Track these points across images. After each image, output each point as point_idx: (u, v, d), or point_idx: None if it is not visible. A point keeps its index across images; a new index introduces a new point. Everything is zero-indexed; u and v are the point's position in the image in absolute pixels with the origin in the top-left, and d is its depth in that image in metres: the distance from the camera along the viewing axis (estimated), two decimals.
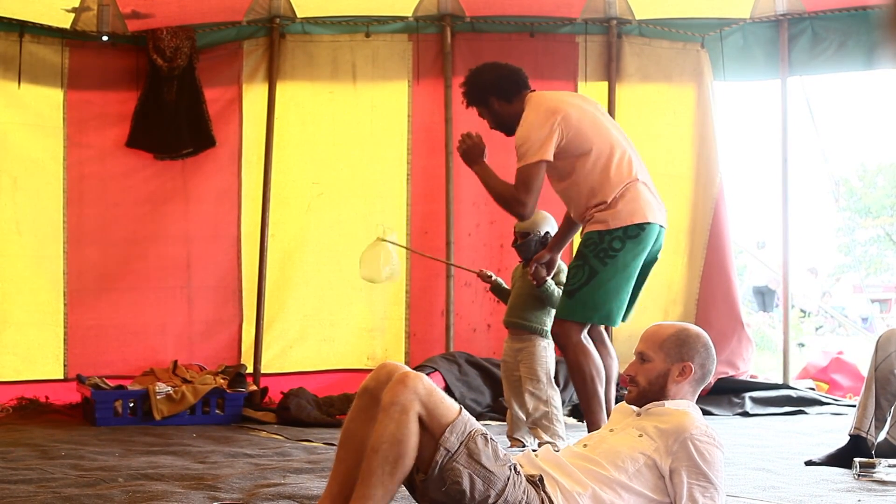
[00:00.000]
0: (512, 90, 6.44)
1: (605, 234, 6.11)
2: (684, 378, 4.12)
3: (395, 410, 3.68)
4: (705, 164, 9.61)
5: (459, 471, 3.70)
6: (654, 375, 4.12)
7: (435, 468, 3.70)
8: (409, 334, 9.53)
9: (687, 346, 4.14)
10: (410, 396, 3.70)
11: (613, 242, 6.09)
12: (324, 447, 6.84)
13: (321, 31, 9.55)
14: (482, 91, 6.48)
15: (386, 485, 3.66)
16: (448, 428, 3.73)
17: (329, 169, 9.44)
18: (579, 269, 6.14)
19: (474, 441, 3.76)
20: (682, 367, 4.11)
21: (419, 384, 3.74)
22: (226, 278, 9.41)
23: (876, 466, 5.51)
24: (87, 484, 5.15)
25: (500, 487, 3.75)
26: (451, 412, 3.77)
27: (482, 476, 3.73)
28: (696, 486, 3.86)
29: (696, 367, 4.12)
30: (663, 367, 4.12)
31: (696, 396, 4.19)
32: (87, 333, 9.11)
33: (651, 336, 4.19)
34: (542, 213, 6.96)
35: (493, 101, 6.46)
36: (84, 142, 9.18)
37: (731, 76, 9.80)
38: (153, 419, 8.10)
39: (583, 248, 6.18)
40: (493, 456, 3.78)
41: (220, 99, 9.34)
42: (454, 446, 3.71)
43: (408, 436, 3.67)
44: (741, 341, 9.53)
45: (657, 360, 4.13)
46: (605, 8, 9.57)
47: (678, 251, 9.58)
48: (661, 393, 4.11)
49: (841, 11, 9.44)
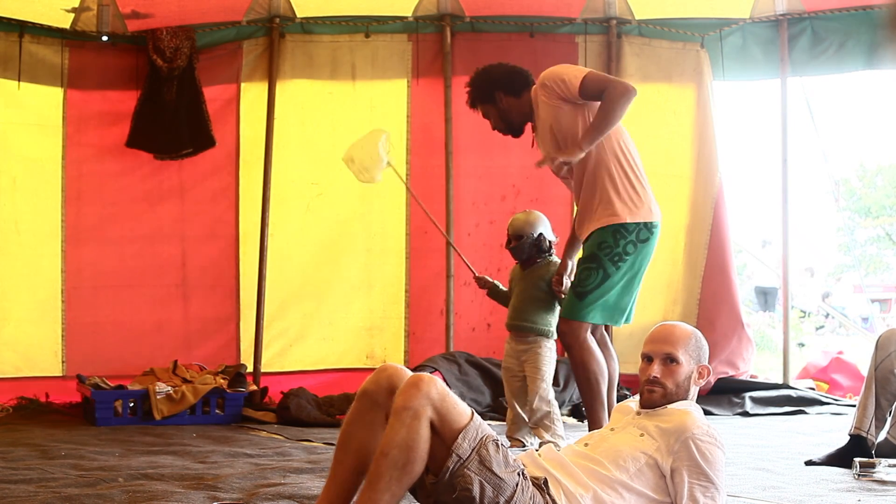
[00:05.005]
0: (520, 83, 6.49)
1: (618, 236, 6.13)
2: (702, 379, 4.15)
3: (406, 415, 3.66)
4: (705, 164, 9.60)
5: (470, 478, 3.69)
6: (683, 378, 4.14)
7: (446, 473, 3.68)
8: (408, 333, 9.53)
9: (703, 348, 4.19)
10: (423, 402, 3.68)
11: (627, 247, 6.14)
12: (324, 447, 6.83)
13: (321, 31, 9.54)
14: (490, 86, 6.50)
15: (393, 490, 3.65)
16: (461, 434, 3.71)
17: (328, 169, 9.42)
18: (592, 271, 6.16)
19: (486, 448, 3.74)
20: (701, 368, 4.13)
21: (433, 389, 3.71)
22: (223, 277, 9.42)
23: (876, 466, 5.51)
24: (87, 484, 5.15)
25: (508, 494, 3.74)
26: (463, 417, 3.76)
27: (492, 483, 3.71)
28: (696, 485, 3.86)
29: (709, 368, 4.17)
30: (689, 369, 4.13)
31: (696, 396, 4.20)
32: (85, 331, 9.13)
33: (671, 337, 4.19)
34: (536, 214, 6.99)
35: (499, 97, 6.48)
36: (83, 141, 9.19)
37: (730, 76, 9.79)
38: (153, 419, 8.09)
39: (596, 249, 6.20)
40: (504, 462, 3.77)
41: (217, 99, 9.34)
42: (466, 453, 3.70)
43: (419, 442, 3.65)
44: (741, 341, 9.53)
45: (684, 363, 4.13)
46: (605, 8, 9.56)
47: (677, 250, 9.58)
48: (685, 395, 4.12)
49: (841, 11, 9.42)
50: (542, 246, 6.90)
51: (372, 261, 9.54)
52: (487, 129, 6.50)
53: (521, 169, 9.28)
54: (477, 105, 6.64)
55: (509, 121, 6.56)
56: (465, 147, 9.50)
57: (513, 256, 7.05)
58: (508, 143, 7.23)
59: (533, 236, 6.87)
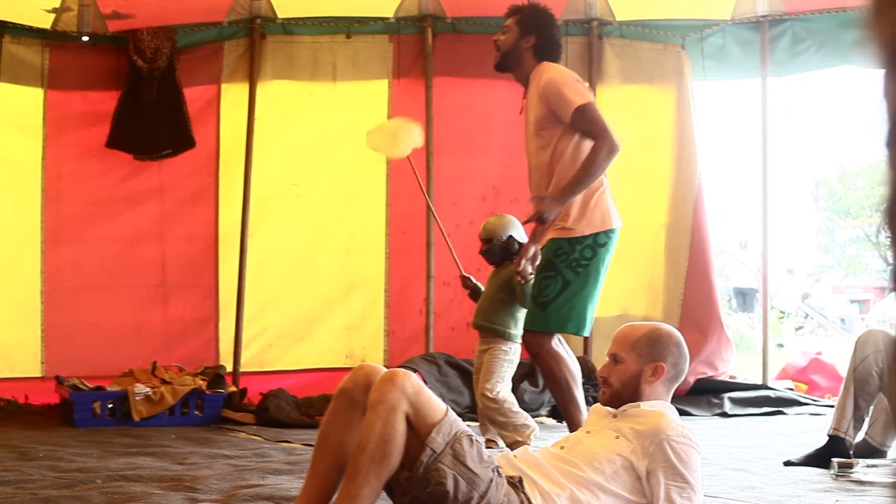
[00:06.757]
0: (547, 54, 6.41)
1: (574, 242, 6.10)
2: (657, 378, 4.13)
3: (382, 409, 3.68)
4: (685, 165, 9.64)
5: (444, 472, 3.71)
6: (627, 377, 4.13)
7: (420, 468, 3.71)
8: (387, 333, 9.53)
9: (659, 345, 4.15)
10: (399, 395, 3.70)
11: (585, 251, 6.09)
12: (303, 448, 6.82)
13: (302, 31, 9.53)
14: (535, 26, 6.39)
15: (372, 483, 3.67)
16: (435, 428, 3.73)
17: (309, 169, 9.43)
18: (552, 280, 6.12)
19: (460, 442, 3.76)
20: (655, 367, 4.12)
21: (407, 383, 3.74)
22: (203, 278, 9.41)
23: (854, 467, 5.54)
24: (65, 485, 5.13)
25: (482, 489, 3.75)
26: (437, 412, 3.78)
27: (466, 477, 3.73)
28: (673, 486, 3.86)
29: (669, 367, 4.13)
30: (636, 367, 4.13)
31: (670, 396, 4.20)
32: (64, 332, 9.10)
33: (623, 337, 4.21)
34: (508, 218, 7.02)
35: (528, 39, 6.39)
36: (63, 142, 9.17)
37: (711, 76, 9.83)
38: (132, 420, 8.06)
39: (553, 257, 6.15)
40: (478, 457, 3.79)
41: (198, 99, 9.32)
42: (440, 447, 3.72)
43: (395, 435, 3.67)
44: (721, 342, 9.56)
45: (629, 362, 4.13)
46: (586, 9, 9.58)
47: (658, 251, 9.60)
48: (635, 394, 4.12)
49: (821, 13, 9.45)
50: (511, 248, 6.92)
51: (351, 261, 9.54)
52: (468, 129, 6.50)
53: (501, 170, 9.31)
54: (514, 17, 6.52)
55: (509, 57, 6.46)
56: (446, 148, 9.51)
57: (485, 260, 7.10)
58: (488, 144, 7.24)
59: (503, 239, 6.91)
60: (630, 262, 9.24)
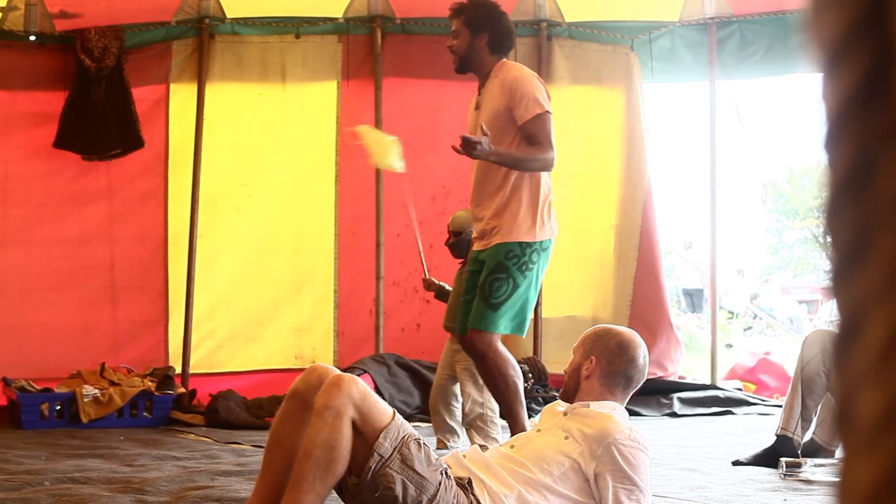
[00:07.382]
0: (504, 48, 6.40)
1: (525, 247, 6.12)
2: (590, 373, 4.16)
3: (328, 415, 3.67)
4: (634, 166, 9.66)
5: (392, 476, 3.70)
6: (571, 370, 4.25)
7: (368, 473, 3.70)
8: (337, 333, 9.51)
9: (599, 342, 4.20)
10: (344, 401, 3.69)
11: (532, 255, 6.12)
12: (252, 450, 6.80)
13: (251, 31, 9.50)
14: (486, 22, 6.36)
15: (317, 490, 3.66)
16: (382, 433, 3.73)
17: (258, 170, 9.41)
18: (503, 282, 6.13)
19: (408, 447, 3.76)
20: (589, 361, 4.16)
21: (353, 388, 3.73)
22: (151, 279, 9.35)
23: (802, 466, 5.58)
24: (12, 488, 5.10)
25: (431, 492, 3.75)
26: (384, 417, 3.77)
27: (415, 482, 3.73)
28: (621, 489, 3.88)
29: (603, 363, 4.16)
30: (577, 361, 4.21)
31: (623, 398, 4.23)
32: (12, 333, 9.01)
33: (583, 334, 4.30)
34: None
35: (482, 36, 6.37)
36: (10, 142, 9.09)
37: (660, 78, 9.89)
38: (80, 422, 8.02)
39: (504, 260, 6.14)
40: (426, 461, 3.79)
41: (146, 99, 9.26)
42: (388, 452, 3.72)
43: (341, 441, 3.66)
44: (670, 342, 9.61)
45: (576, 356, 4.24)
46: (535, 10, 9.60)
47: (607, 252, 9.63)
48: (577, 388, 4.18)
49: (768, 15, 9.50)
50: None
51: (301, 261, 9.51)
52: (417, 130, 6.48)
53: (451, 170, 9.29)
54: (459, 18, 6.50)
55: (468, 59, 6.44)
56: None
57: (451, 252, 7.07)
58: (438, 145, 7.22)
59: (470, 234, 6.86)
60: (579, 263, 9.29)
